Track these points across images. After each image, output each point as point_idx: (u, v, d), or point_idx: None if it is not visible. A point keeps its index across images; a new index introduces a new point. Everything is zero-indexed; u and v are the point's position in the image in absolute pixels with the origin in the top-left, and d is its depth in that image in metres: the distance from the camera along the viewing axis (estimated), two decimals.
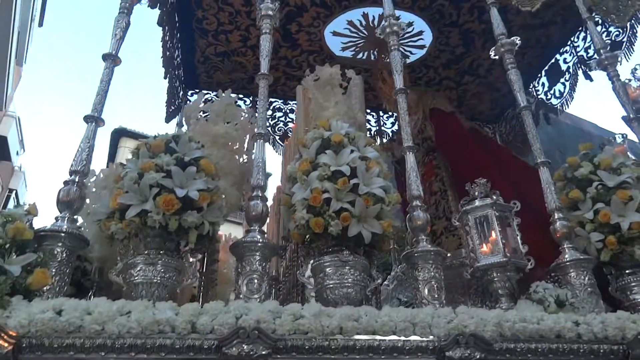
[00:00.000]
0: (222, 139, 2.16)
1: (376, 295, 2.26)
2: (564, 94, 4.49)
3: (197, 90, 4.69)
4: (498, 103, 5.14)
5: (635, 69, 3.08)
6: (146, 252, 1.61)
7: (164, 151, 1.73)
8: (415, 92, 4.08)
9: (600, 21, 3.79)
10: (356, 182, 1.83)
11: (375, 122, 5.17)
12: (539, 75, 4.78)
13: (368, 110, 5.15)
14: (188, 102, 4.37)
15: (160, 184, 1.61)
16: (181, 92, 4.42)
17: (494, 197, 2.07)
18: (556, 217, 2.13)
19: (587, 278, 1.96)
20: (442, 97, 4.09)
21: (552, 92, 4.66)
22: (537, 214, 2.25)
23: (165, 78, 3.85)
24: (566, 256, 2.03)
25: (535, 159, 2.33)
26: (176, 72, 4.19)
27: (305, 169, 1.90)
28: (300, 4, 3.89)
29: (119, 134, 11.57)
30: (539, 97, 4.77)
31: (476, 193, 2.15)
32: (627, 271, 2.09)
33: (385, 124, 5.11)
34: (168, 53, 3.72)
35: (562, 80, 4.53)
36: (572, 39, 4.29)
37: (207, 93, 4.70)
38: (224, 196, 1.86)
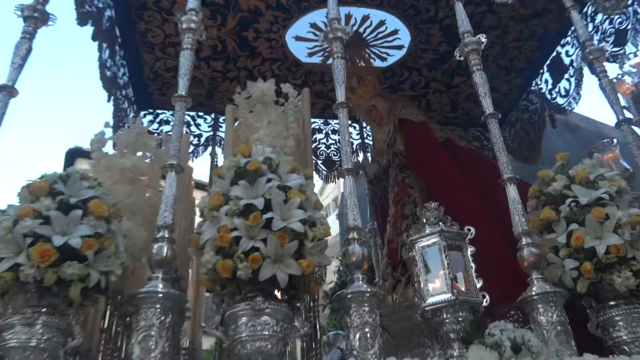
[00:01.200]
0: (129, 173, 2.16)
1: (315, 344, 2.21)
2: (570, 92, 4.43)
3: (151, 110, 4.77)
4: (498, 105, 5.05)
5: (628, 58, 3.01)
6: (24, 310, 1.60)
7: (47, 193, 1.74)
8: (387, 99, 4.11)
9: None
10: (271, 216, 1.81)
11: (357, 134, 5.18)
12: (541, 71, 4.75)
13: (349, 122, 5.17)
14: (141, 124, 4.42)
15: (36, 233, 1.61)
16: (132, 114, 4.49)
17: (442, 224, 2.03)
18: (524, 242, 2.08)
19: (556, 315, 1.89)
20: (410, 104, 4.11)
21: (557, 90, 4.61)
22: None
23: (108, 101, 3.90)
24: (533, 289, 1.97)
25: (502, 175, 2.28)
26: (123, 92, 4.26)
27: (215, 204, 1.89)
28: (254, 8, 3.95)
29: (73, 155, 10.89)
30: (544, 93, 4.72)
31: (424, 219, 2.10)
32: (609, 303, 2.02)
33: (370, 137, 5.16)
34: (109, 72, 3.79)
35: (566, 76, 4.48)
36: (572, 28, 4.29)
37: (162, 112, 4.79)
38: (123, 239, 1.85)
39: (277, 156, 2.07)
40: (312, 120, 4.98)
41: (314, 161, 4.85)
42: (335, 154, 5.04)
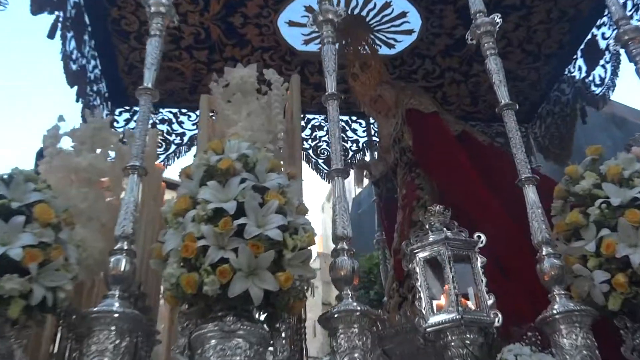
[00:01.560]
0: (85, 174, 2.14)
1: None
2: (605, 80, 4.36)
3: (127, 107, 4.79)
4: (526, 96, 5.07)
5: None
6: None
7: None
8: (394, 87, 4.11)
9: None
10: (244, 222, 1.78)
11: (364, 131, 5.18)
12: (575, 56, 4.70)
13: (354, 118, 5.17)
14: (102, 117, 4.44)
15: None
16: (105, 111, 4.51)
17: (446, 231, 1.98)
18: (544, 252, 2.03)
19: (581, 337, 1.83)
20: (419, 93, 4.07)
21: (591, 78, 4.55)
22: None
23: (77, 101, 3.91)
24: (555, 307, 1.92)
25: (519, 174, 2.24)
26: (94, 88, 4.29)
27: (180, 209, 1.87)
28: None
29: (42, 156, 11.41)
30: (576, 85, 4.66)
31: (427, 225, 2.06)
32: None
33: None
34: (75, 65, 3.81)
35: (601, 62, 4.41)
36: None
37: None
38: (75, 250, 1.83)
39: (255, 153, 2.04)
40: (313, 116, 5.07)
41: (314, 160, 4.98)
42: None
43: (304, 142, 4.88)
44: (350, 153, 5.09)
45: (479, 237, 2.02)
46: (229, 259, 1.73)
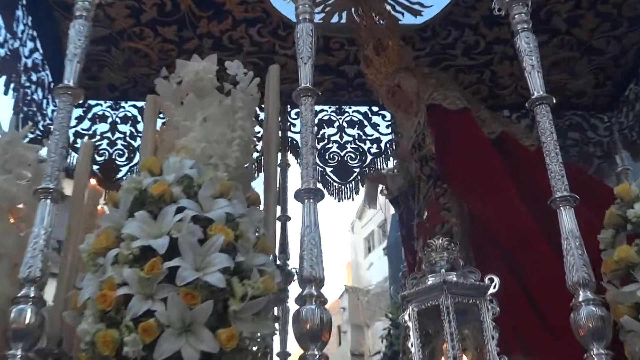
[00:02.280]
0: None
1: None
2: None
3: (80, 102, 4.91)
4: (608, 75, 5.01)
5: None
6: None
7: None
8: (417, 75, 4.11)
9: None
10: (176, 264, 1.84)
11: (388, 126, 5.24)
12: None
13: (375, 109, 5.23)
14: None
15: None
16: (50, 107, 4.63)
17: (444, 273, 2.00)
18: (581, 298, 2.03)
19: None
20: (447, 82, 4.08)
21: None
22: None
23: (6, 93, 4.01)
24: None
25: (553, 192, 2.25)
26: (35, 76, 4.42)
27: (100, 247, 1.95)
28: None
29: None
30: None
31: (424, 265, 2.09)
32: None
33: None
34: (3, 50, 3.92)
35: None
36: None
37: (97, 104, 4.97)
38: None
39: (203, 173, 2.11)
40: (319, 107, 5.10)
41: (320, 169, 4.95)
42: (353, 157, 5.09)
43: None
44: (369, 157, 5.06)
45: (491, 280, 2.03)
46: (155, 312, 1.79)
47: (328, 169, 5.03)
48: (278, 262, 4.34)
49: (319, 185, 3.93)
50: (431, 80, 4.03)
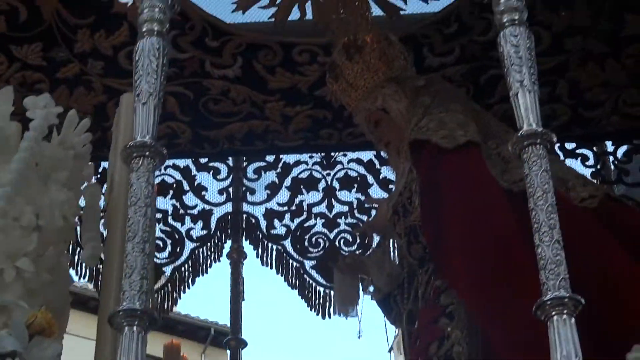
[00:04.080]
0: None
1: None
2: None
3: None
4: None
5: None
6: None
7: None
8: (407, 89, 3.28)
9: None
10: None
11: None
12: None
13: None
14: None
15: None
16: None
17: None
18: None
19: None
20: (448, 98, 3.23)
21: None
22: None
23: None
24: None
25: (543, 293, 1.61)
26: None
27: None
28: None
29: None
30: None
31: None
32: None
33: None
34: None
35: None
36: None
37: None
38: None
39: None
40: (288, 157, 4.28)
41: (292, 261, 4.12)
42: (350, 240, 4.05)
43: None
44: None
45: None
46: None
47: (307, 264, 4.05)
48: None
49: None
50: (424, 99, 3.16)
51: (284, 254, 3.98)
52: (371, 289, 3.34)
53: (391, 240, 3.41)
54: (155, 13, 1.92)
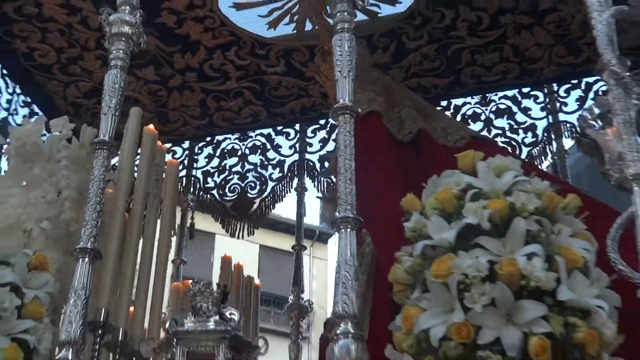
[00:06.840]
0: None
1: None
2: None
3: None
4: None
5: None
6: None
7: None
8: (364, 85, 3.82)
9: None
10: None
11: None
12: None
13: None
14: None
15: None
16: None
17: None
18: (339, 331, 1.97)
19: None
20: (368, 76, 4.00)
21: None
22: None
23: None
24: None
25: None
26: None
27: None
28: None
29: None
30: None
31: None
32: None
33: None
34: None
35: None
36: None
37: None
38: None
39: None
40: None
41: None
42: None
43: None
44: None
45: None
46: None
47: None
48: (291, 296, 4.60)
49: None
50: (370, 94, 3.75)
51: (332, 184, 4.85)
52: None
53: None
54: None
